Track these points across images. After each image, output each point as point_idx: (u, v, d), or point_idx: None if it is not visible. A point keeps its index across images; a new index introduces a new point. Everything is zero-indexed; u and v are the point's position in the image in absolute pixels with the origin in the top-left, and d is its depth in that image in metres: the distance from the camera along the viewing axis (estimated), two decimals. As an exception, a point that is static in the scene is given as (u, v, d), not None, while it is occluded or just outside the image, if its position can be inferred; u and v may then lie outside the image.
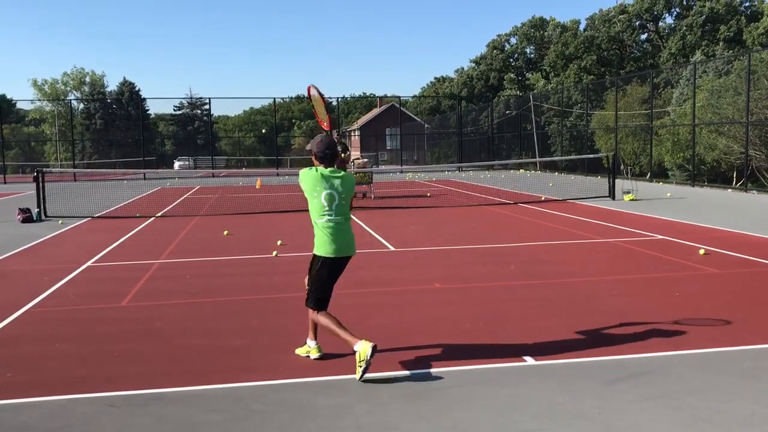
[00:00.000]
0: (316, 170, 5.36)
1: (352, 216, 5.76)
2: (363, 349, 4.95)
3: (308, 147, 5.51)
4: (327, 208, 5.32)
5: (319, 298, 5.40)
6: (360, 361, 4.95)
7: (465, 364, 5.28)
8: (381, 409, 4.47)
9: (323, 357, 5.56)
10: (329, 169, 5.38)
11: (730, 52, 41.78)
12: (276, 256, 10.60)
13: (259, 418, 4.37)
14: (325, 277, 5.39)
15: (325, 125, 6.16)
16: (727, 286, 7.98)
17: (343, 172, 5.45)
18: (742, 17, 47.71)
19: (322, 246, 5.35)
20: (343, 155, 21.59)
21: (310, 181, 5.35)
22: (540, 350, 5.60)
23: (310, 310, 5.43)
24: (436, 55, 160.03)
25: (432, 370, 5.20)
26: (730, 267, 9.09)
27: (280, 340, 6.12)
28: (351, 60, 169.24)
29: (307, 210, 5.53)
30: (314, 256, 5.43)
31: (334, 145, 5.46)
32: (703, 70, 31.74)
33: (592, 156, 29.35)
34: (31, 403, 4.70)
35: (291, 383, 4.99)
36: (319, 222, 5.36)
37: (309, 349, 5.57)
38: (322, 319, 5.32)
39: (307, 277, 5.58)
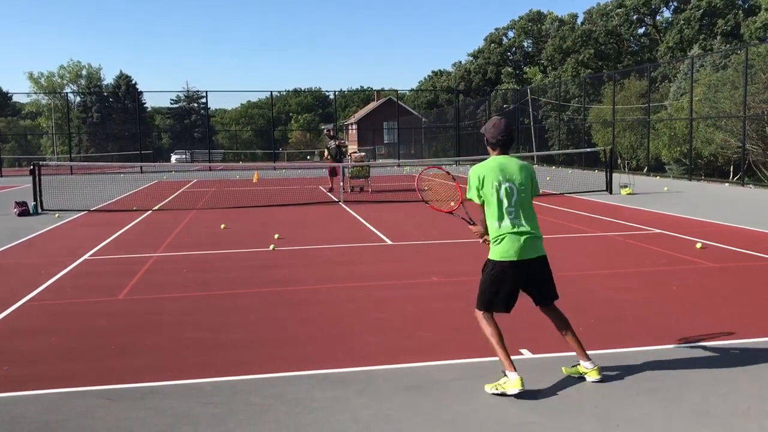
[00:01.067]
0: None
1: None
2: (514, 383, 4.48)
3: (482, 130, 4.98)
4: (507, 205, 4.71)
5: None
6: (500, 386, 4.54)
7: (462, 358, 5.28)
8: (379, 403, 4.48)
9: (320, 351, 5.56)
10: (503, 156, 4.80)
11: (728, 46, 41.76)
12: (273, 249, 10.60)
13: (257, 411, 4.37)
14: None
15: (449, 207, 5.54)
16: (724, 280, 8.00)
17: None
18: (740, 11, 47.68)
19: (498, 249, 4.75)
20: (341, 148, 21.33)
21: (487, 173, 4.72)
22: (537, 344, 5.61)
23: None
24: (434, 48, 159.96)
25: (430, 364, 5.20)
26: (727, 261, 9.10)
27: (278, 333, 6.12)
28: (348, 53, 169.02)
29: (303, 204, 5.46)
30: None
31: (511, 129, 4.89)
32: (701, 64, 31.74)
33: (589, 150, 29.37)
34: (27, 396, 4.69)
35: (288, 376, 4.99)
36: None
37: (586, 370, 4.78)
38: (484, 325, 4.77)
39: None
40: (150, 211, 16.63)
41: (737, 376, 4.84)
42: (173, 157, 61.32)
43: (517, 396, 4.48)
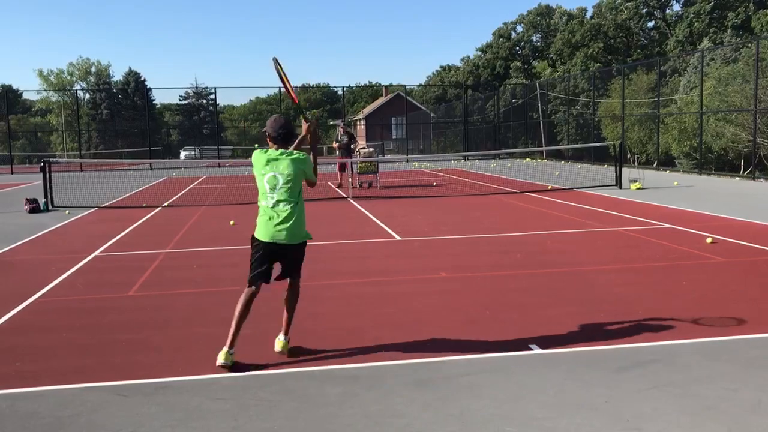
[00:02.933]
0: (265, 152, 5.38)
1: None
2: (220, 355, 5.07)
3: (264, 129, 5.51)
4: (269, 191, 5.30)
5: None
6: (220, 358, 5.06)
7: (472, 353, 5.28)
8: (388, 398, 4.49)
9: (329, 346, 5.57)
10: (280, 150, 5.35)
11: (739, 39, 41.47)
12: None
13: (267, 407, 4.38)
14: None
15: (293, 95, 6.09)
16: (735, 275, 7.96)
17: (294, 153, 5.37)
18: (751, 4, 47.31)
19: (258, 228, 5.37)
20: (351, 145, 21.35)
21: (257, 162, 5.37)
22: (547, 339, 5.60)
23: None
24: (442, 43, 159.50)
25: (439, 359, 5.20)
26: (738, 255, 9.06)
27: (287, 329, 6.13)
28: (356, 49, 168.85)
29: (312, 199, 5.56)
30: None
31: (289, 125, 5.44)
32: (711, 58, 31.55)
33: (598, 144, 29.24)
34: (40, 392, 4.73)
35: (298, 372, 5.00)
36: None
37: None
38: (241, 297, 5.33)
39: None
40: (160, 208, 16.69)
41: (748, 370, 4.82)
42: (182, 154, 61.44)
43: (521, 387, 4.48)
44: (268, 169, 5.27)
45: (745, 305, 6.58)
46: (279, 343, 5.44)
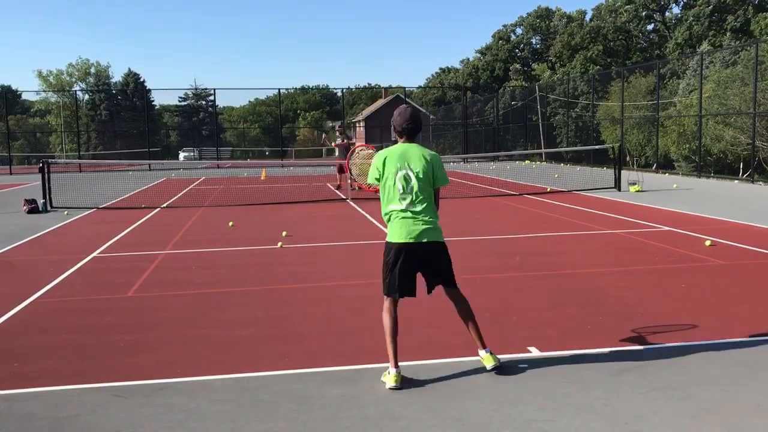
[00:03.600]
0: (390, 150, 4.91)
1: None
2: (391, 378, 4.69)
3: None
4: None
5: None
6: (385, 375, 4.77)
7: (470, 355, 5.27)
8: (387, 400, 4.48)
9: (328, 348, 5.57)
10: (407, 145, 4.93)
11: (738, 42, 41.52)
12: (281, 247, 10.62)
13: (266, 409, 4.38)
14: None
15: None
16: (733, 278, 7.96)
17: (425, 149, 4.97)
18: (750, 7, 47.40)
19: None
20: (349, 145, 21.30)
21: (389, 162, 4.86)
22: (545, 341, 5.60)
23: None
24: (441, 45, 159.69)
25: (437, 361, 5.20)
26: (736, 258, 9.06)
27: (286, 330, 6.13)
28: (356, 51, 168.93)
29: (311, 201, 5.46)
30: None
31: (417, 117, 5.01)
32: (710, 61, 31.58)
33: (597, 147, 29.26)
34: (38, 393, 4.72)
35: (297, 373, 5.00)
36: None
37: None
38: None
39: None
40: (158, 209, 16.69)
41: (747, 373, 4.82)
42: (181, 155, 61.46)
43: (520, 390, 4.48)
44: (400, 167, 4.83)
45: (744, 308, 6.58)
46: (486, 359, 4.90)
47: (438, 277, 5.01)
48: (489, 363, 4.88)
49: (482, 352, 4.94)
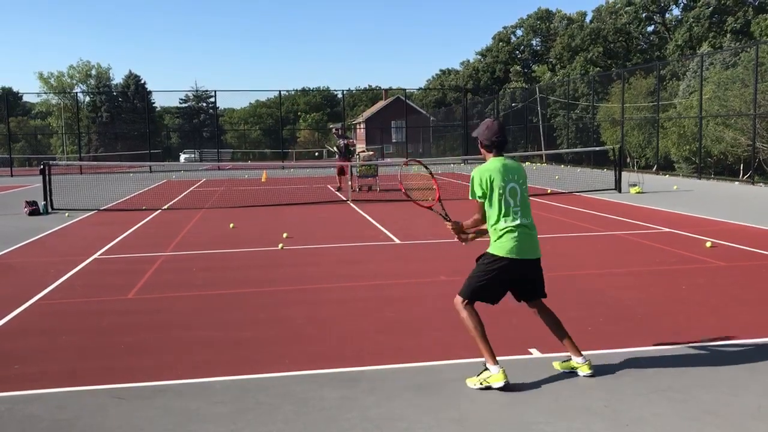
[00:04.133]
0: (492, 164, 4.83)
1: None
2: (498, 376, 4.61)
3: (474, 134, 5.01)
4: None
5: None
6: (484, 381, 4.65)
7: (471, 357, 5.27)
8: (387, 402, 4.48)
9: (328, 350, 5.57)
10: (504, 158, 4.88)
11: (738, 43, 41.53)
12: (282, 248, 10.62)
13: (266, 411, 4.38)
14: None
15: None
16: (734, 279, 7.96)
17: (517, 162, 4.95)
18: (750, 8, 47.41)
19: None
20: (350, 147, 21.35)
21: (496, 176, 4.78)
22: (546, 343, 5.58)
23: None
24: (442, 47, 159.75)
25: (438, 363, 5.20)
26: (737, 260, 9.06)
27: (287, 332, 6.13)
28: (356, 52, 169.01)
29: (311, 203, 5.42)
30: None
31: (505, 130, 4.98)
32: (710, 62, 31.58)
33: (598, 149, 29.25)
34: (38, 395, 4.72)
35: (297, 375, 5.00)
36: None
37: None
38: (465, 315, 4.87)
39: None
40: (159, 211, 16.69)
41: (748, 375, 4.82)
42: (182, 157, 61.46)
43: (521, 391, 4.48)
44: (508, 180, 4.77)
45: (745, 309, 6.58)
46: (581, 367, 4.86)
47: (535, 290, 4.98)
48: (585, 371, 4.84)
49: (578, 359, 4.88)
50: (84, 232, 13.11)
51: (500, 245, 4.80)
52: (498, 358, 4.99)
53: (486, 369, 4.68)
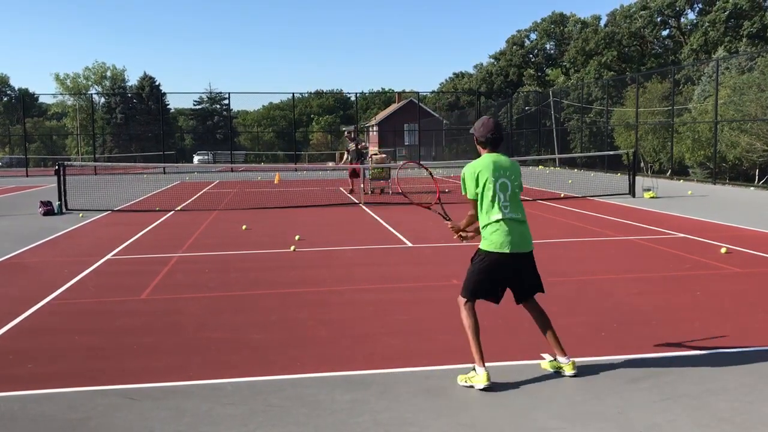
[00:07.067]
0: (483, 159, 4.93)
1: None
2: (482, 378, 4.69)
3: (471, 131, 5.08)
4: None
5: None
6: (468, 378, 4.76)
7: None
8: (399, 405, 4.46)
9: (340, 353, 5.56)
10: (497, 154, 4.96)
11: (754, 48, 41.22)
12: (294, 250, 10.62)
13: (277, 413, 4.37)
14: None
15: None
16: (750, 286, 7.88)
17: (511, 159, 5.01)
18: (767, 13, 47.02)
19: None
20: (362, 151, 21.37)
21: (483, 171, 4.87)
22: (559, 348, 5.55)
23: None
24: (455, 50, 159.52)
25: (450, 367, 5.17)
26: (753, 266, 8.97)
27: (299, 334, 6.13)
28: (370, 55, 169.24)
29: (324, 205, 5.42)
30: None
31: (500, 128, 5.04)
32: (726, 67, 31.35)
33: (611, 153, 29.10)
34: (51, 394, 4.74)
35: (309, 378, 4.99)
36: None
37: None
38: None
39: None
40: (172, 212, 16.76)
41: (764, 383, 4.76)
42: (196, 158, 61.78)
43: (533, 397, 4.44)
44: (499, 175, 4.87)
45: (761, 316, 6.51)
46: (566, 367, 4.94)
47: (531, 285, 5.03)
48: (569, 370, 4.93)
49: (562, 359, 4.96)
50: (98, 233, 13.18)
51: (490, 240, 4.86)
52: (510, 363, 4.98)
53: (473, 369, 4.78)
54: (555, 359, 5.03)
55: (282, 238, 11.97)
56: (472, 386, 4.73)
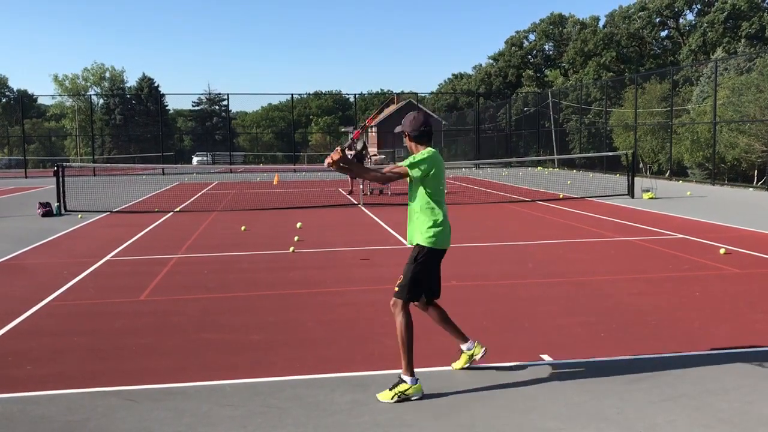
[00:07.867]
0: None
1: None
2: (416, 387, 4.60)
3: (397, 129, 4.90)
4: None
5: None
6: (398, 392, 4.57)
7: (483, 362, 5.24)
8: (398, 406, 4.46)
9: (339, 354, 5.56)
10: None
11: (752, 49, 41.27)
12: (293, 251, 10.62)
13: (276, 414, 4.37)
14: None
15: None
16: (748, 286, 7.88)
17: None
18: (765, 14, 47.08)
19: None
20: (362, 152, 21.32)
21: (439, 162, 4.77)
22: (558, 349, 5.56)
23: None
24: (454, 51, 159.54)
25: (449, 368, 5.17)
26: (751, 267, 8.98)
27: (297, 335, 6.12)
28: (368, 56, 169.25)
29: (323, 206, 5.38)
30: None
31: (429, 121, 4.88)
32: (725, 68, 31.39)
33: (610, 154, 29.13)
34: (50, 396, 4.73)
35: (308, 379, 4.99)
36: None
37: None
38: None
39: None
40: (171, 213, 16.75)
41: (763, 383, 4.76)
42: (195, 159, 61.74)
43: (533, 397, 4.45)
44: (443, 173, 4.80)
45: (760, 317, 6.51)
46: (475, 350, 5.06)
47: (439, 282, 5.00)
48: (479, 352, 5.04)
49: (467, 345, 5.06)
50: (97, 234, 13.18)
51: (438, 238, 4.72)
52: (510, 364, 4.97)
53: (402, 381, 4.59)
54: (463, 353, 5.08)
55: (281, 239, 11.97)
56: (407, 398, 4.54)
